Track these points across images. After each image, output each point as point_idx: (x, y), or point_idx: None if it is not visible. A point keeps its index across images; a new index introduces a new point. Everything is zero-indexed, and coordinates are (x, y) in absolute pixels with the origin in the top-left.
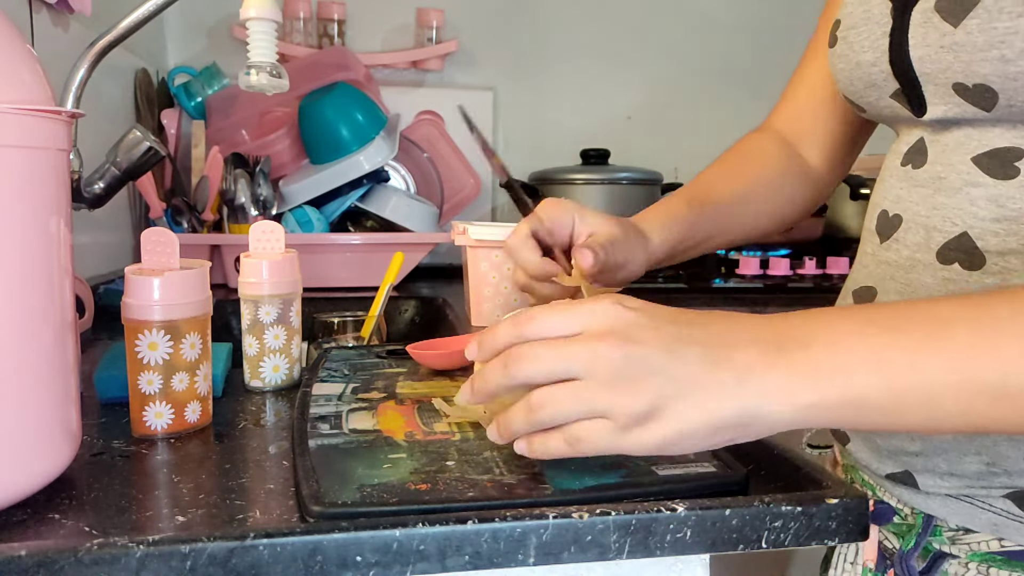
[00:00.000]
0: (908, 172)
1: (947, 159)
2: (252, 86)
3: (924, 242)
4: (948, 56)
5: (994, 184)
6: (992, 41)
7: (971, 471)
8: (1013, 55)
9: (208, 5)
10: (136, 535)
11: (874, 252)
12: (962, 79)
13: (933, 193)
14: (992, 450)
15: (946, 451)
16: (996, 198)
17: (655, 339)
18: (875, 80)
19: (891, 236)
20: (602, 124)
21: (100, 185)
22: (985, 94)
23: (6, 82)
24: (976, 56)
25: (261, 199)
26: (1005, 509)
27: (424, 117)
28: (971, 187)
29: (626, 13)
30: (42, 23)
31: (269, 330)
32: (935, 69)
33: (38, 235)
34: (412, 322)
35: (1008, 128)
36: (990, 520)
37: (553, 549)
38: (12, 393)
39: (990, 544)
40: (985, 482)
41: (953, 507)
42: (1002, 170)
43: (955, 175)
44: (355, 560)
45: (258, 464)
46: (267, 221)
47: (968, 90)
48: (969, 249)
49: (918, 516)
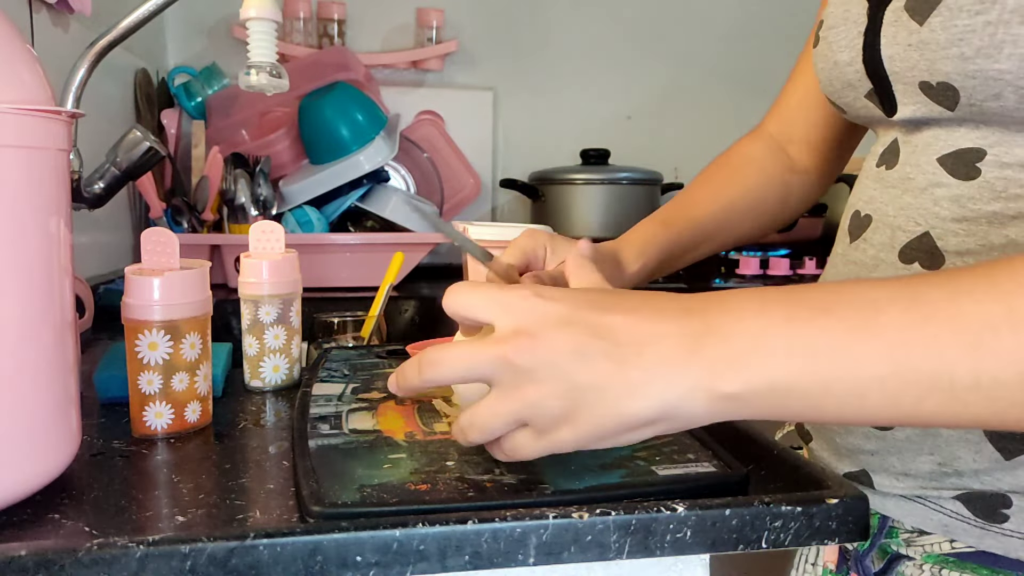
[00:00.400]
0: (881, 173)
1: (915, 160)
2: (252, 86)
3: (888, 242)
4: (915, 54)
5: (957, 185)
6: (952, 39)
7: (924, 471)
8: (971, 53)
9: (208, 5)
10: (136, 535)
11: (843, 252)
12: (927, 77)
13: (901, 193)
14: (944, 450)
15: (900, 451)
16: (958, 198)
17: (565, 339)
18: (851, 80)
19: (860, 236)
20: (602, 124)
21: (100, 185)
22: (948, 92)
23: (6, 82)
24: (939, 54)
25: (261, 199)
26: (955, 511)
27: (424, 117)
28: (935, 187)
29: (626, 13)
30: (42, 23)
31: (269, 330)
32: (903, 68)
33: (38, 235)
34: (412, 322)
35: (971, 128)
36: (941, 521)
37: (553, 549)
38: (12, 393)
39: (942, 546)
40: (937, 483)
41: (907, 508)
42: (964, 171)
43: (922, 175)
44: (355, 560)
45: (258, 464)
46: (267, 221)
47: (933, 88)
48: (929, 249)
49: (874, 517)
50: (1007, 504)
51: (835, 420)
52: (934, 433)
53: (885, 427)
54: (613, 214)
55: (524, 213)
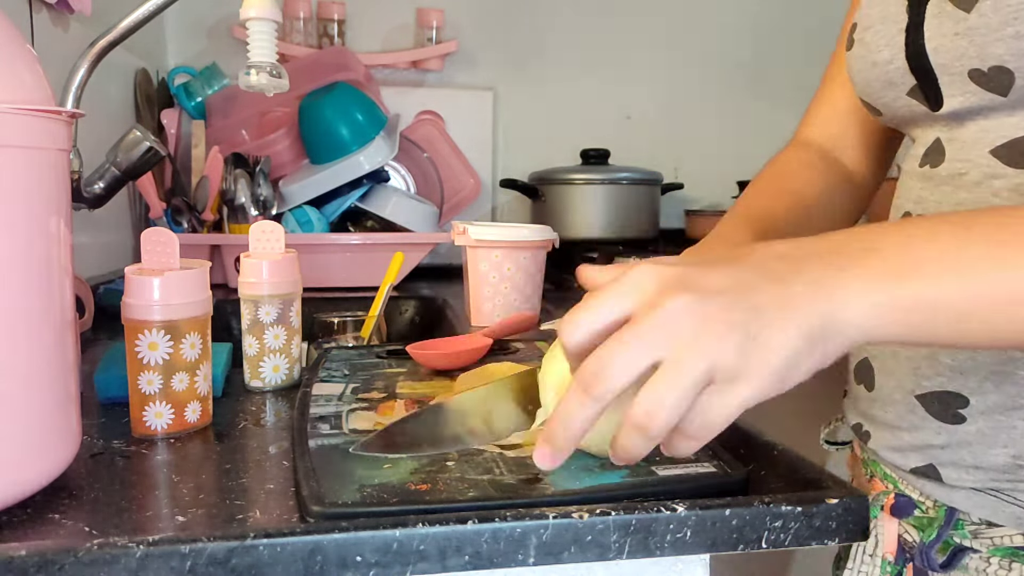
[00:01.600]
0: (927, 172)
1: (965, 155)
2: (252, 86)
3: None
4: (963, 42)
5: (1016, 174)
6: (1006, 19)
7: (997, 464)
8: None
9: (208, 5)
10: (136, 535)
11: None
12: (978, 63)
13: (954, 190)
14: (1020, 443)
15: (971, 444)
16: (1018, 187)
17: (713, 279)
18: (892, 78)
19: None
20: (602, 124)
21: (100, 185)
22: (1001, 76)
23: (6, 82)
24: (990, 37)
25: (261, 199)
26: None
27: (424, 117)
28: (992, 179)
29: (626, 13)
30: (42, 23)
31: (269, 330)
32: (950, 58)
33: (38, 235)
34: (412, 322)
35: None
36: (1015, 513)
37: (553, 549)
38: (12, 393)
39: (1013, 538)
40: (1011, 475)
41: (977, 500)
42: (1022, 159)
43: (975, 169)
44: (355, 560)
45: (258, 464)
46: (267, 221)
47: (984, 75)
48: None
49: (940, 509)
50: None
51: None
52: (1009, 426)
53: (955, 422)
54: (613, 214)
55: (524, 213)
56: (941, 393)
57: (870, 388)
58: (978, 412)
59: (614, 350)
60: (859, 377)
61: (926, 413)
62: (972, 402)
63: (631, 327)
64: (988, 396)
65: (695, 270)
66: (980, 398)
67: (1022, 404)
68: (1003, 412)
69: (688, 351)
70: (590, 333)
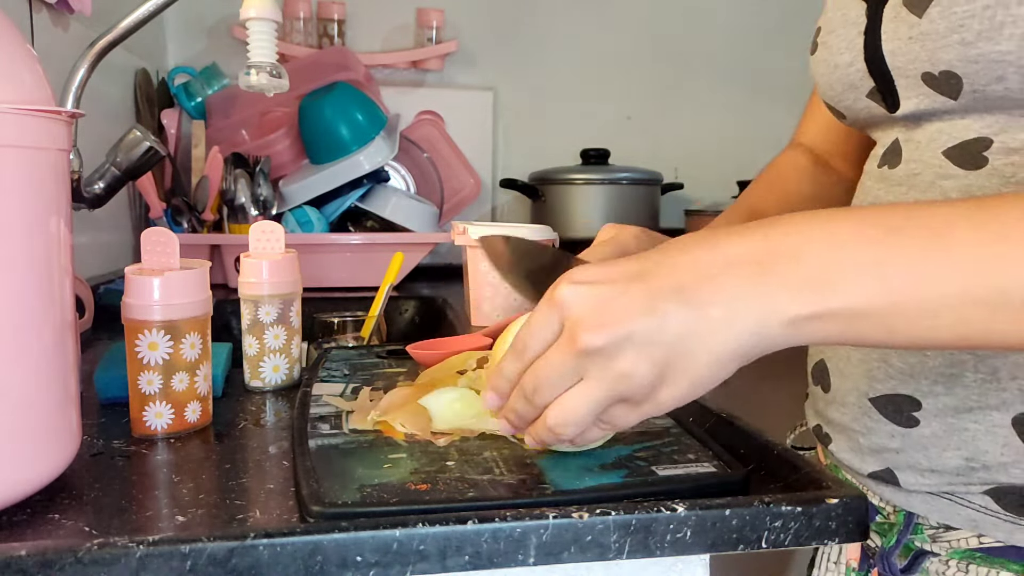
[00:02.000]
0: (884, 173)
1: (920, 155)
2: (252, 86)
3: None
4: (916, 46)
5: (964, 175)
6: (952, 26)
7: (951, 466)
8: (972, 37)
9: (208, 5)
10: (136, 535)
11: None
12: (929, 67)
13: (908, 191)
14: (971, 445)
15: (926, 447)
16: (967, 188)
17: (631, 307)
18: (852, 80)
19: None
20: (602, 124)
21: (100, 185)
22: (950, 81)
23: (6, 82)
24: (939, 43)
25: (261, 199)
26: (984, 505)
27: (424, 117)
28: (943, 180)
29: (626, 13)
30: (42, 23)
31: (269, 330)
32: (905, 61)
33: (38, 235)
34: (412, 322)
35: (976, 118)
36: (970, 516)
37: (553, 549)
38: (12, 393)
39: (970, 541)
40: (965, 478)
41: (934, 504)
42: (972, 160)
43: (928, 170)
44: (355, 560)
45: (258, 464)
46: (267, 221)
47: (935, 79)
48: None
49: (899, 514)
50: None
51: (905, 343)
52: (960, 428)
53: (909, 425)
54: (613, 214)
55: (524, 213)
56: (894, 396)
57: (826, 389)
58: (931, 415)
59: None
60: (816, 378)
61: (880, 416)
62: (924, 405)
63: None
64: (940, 398)
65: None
66: (932, 400)
67: (972, 406)
68: (955, 415)
69: (605, 373)
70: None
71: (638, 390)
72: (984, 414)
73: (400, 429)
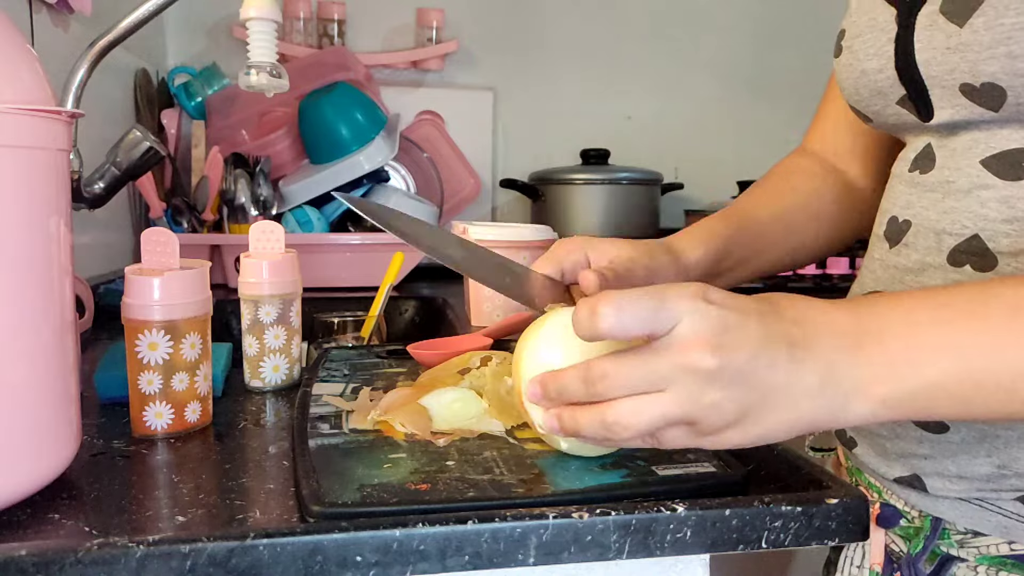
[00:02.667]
0: (916, 178)
1: (955, 163)
2: (252, 86)
3: (935, 246)
4: (954, 57)
5: (1004, 185)
6: (999, 38)
7: (981, 473)
8: (1021, 51)
9: (208, 5)
10: (136, 535)
11: (882, 257)
12: (969, 79)
13: (942, 197)
14: (1003, 452)
15: (956, 454)
16: (1007, 199)
17: (744, 342)
18: (881, 87)
19: (900, 241)
20: (602, 124)
21: (100, 185)
22: (993, 93)
23: (6, 82)
24: (983, 54)
25: (261, 199)
26: (1015, 512)
27: (424, 117)
28: (981, 189)
29: (626, 13)
30: (42, 23)
31: (269, 330)
32: (941, 71)
33: (38, 235)
34: (412, 322)
35: (1017, 129)
36: (1000, 523)
37: (553, 549)
38: (12, 393)
39: (999, 547)
40: (995, 484)
41: (962, 510)
42: (1012, 171)
43: (964, 178)
44: (355, 560)
45: (258, 464)
46: (267, 221)
47: (976, 90)
48: (980, 251)
49: (926, 519)
50: None
51: (984, 417)
52: (992, 435)
53: (938, 431)
54: (613, 214)
55: (524, 213)
56: None
57: None
58: (961, 422)
59: (631, 368)
60: None
61: (908, 422)
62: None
63: (654, 358)
64: None
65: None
66: None
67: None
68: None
69: (693, 396)
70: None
71: (712, 423)
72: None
73: (400, 429)
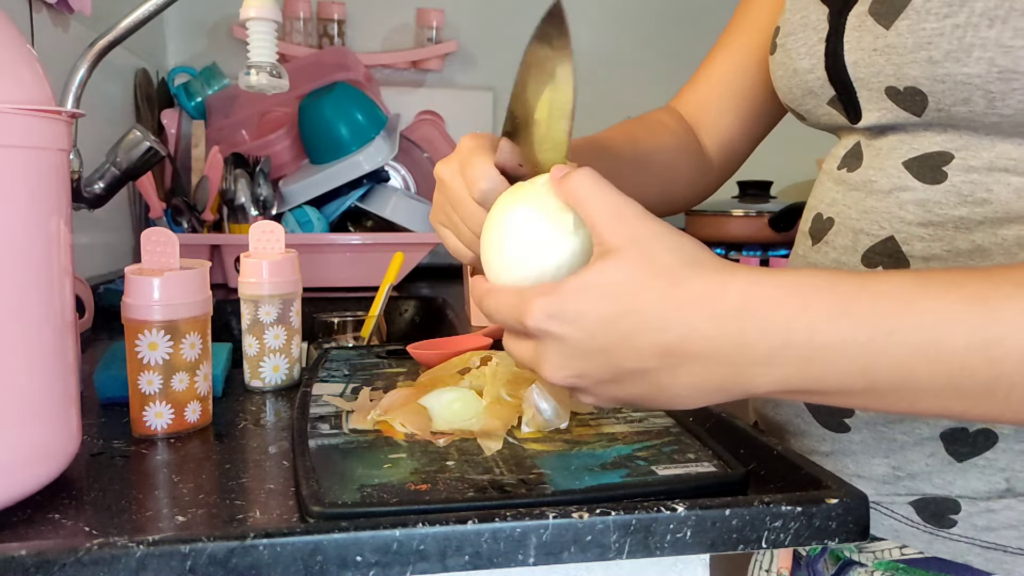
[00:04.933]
0: (843, 176)
1: (880, 163)
2: (252, 86)
3: (851, 245)
4: (880, 59)
5: (923, 188)
6: (920, 42)
7: (878, 474)
8: (939, 56)
9: (208, 5)
10: (136, 535)
11: (804, 254)
12: (894, 82)
13: (865, 197)
14: (898, 454)
15: (855, 453)
16: (924, 203)
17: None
18: (812, 87)
19: (822, 239)
20: (602, 124)
21: (100, 185)
22: (915, 97)
23: (6, 82)
24: (906, 58)
25: (261, 199)
26: (907, 516)
27: (424, 117)
28: (900, 191)
29: (626, 13)
30: (42, 23)
31: (269, 330)
32: (868, 73)
33: (38, 235)
34: (412, 322)
35: (938, 132)
36: (892, 527)
37: (553, 549)
38: (12, 393)
39: (892, 552)
40: (891, 487)
41: None
42: (931, 175)
43: (886, 179)
44: (355, 560)
45: (258, 464)
46: (267, 221)
47: (900, 94)
48: (894, 253)
49: None
50: (956, 509)
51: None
52: (890, 437)
53: (840, 430)
54: None
55: None
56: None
57: None
58: (861, 422)
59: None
60: None
61: (812, 419)
62: (856, 412)
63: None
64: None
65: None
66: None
67: (903, 418)
68: (886, 423)
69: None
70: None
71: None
72: (913, 426)
73: (400, 429)
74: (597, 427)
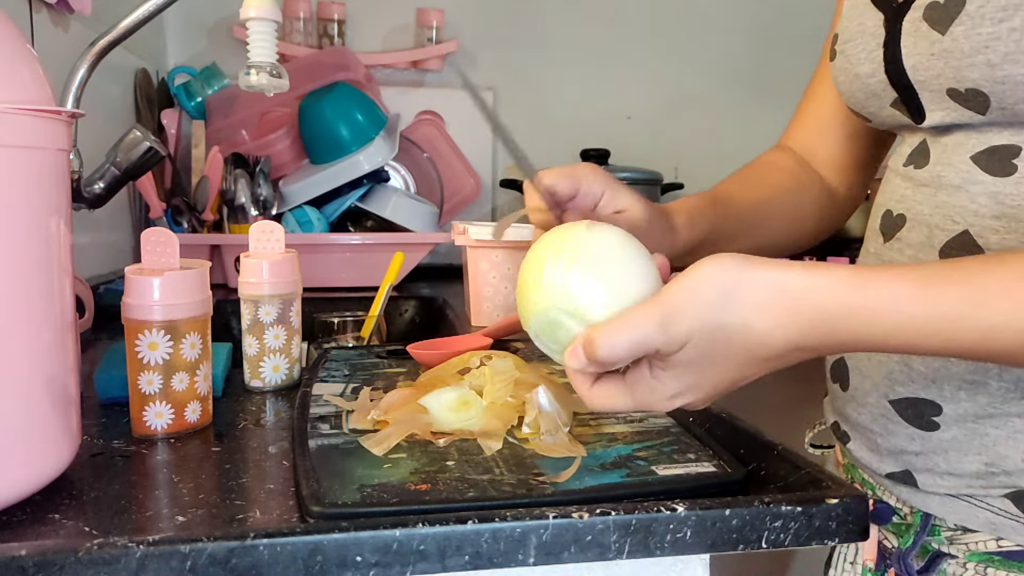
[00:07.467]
0: (911, 172)
1: (947, 159)
2: (252, 86)
3: (927, 240)
4: (939, 63)
5: (992, 181)
6: (977, 47)
7: (970, 471)
8: (998, 59)
9: (208, 5)
10: (136, 535)
11: (877, 251)
12: (954, 84)
13: (935, 192)
14: (991, 450)
15: (946, 451)
16: (995, 195)
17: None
18: (874, 90)
19: (894, 236)
20: (602, 124)
21: (100, 185)
22: (978, 98)
23: (6, 82)
24: (964, 62)
25: (261, 199)
26: (1004, 509)
27: (424, 117)
28: (971, 185)
29: (626, 13)
30: (42, 23)
31: (269, 330)
32: (928, 76)
33: (38, 235)
34: (412, 322)
35: (1004, 127)
36: (988, 519)
37: (553, 549)
38: (12, 393)
39: (988, 544)
40: (984, 482)
41: (952, 506)
42: (1000, 167)
43: (955, 174)
44: (355, 560)
45: (258, 464)
46: (267, 221)
47: (961, 95)
48: (970, 247)
49: (916, 515)
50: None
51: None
52: (982, 433)
53: (929, 429)
54: None
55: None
56: (915, 400)
57: (845, 388)
58: (951, 420)
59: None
60: (835, 375)
61: (900, 419)
62: (945, 410)
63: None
64: (961, 404)
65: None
66: (953, 406)
67: (994, 412)
68: (976, 420)
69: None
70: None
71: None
72: (1005, 420)
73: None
74: (597, 427)
